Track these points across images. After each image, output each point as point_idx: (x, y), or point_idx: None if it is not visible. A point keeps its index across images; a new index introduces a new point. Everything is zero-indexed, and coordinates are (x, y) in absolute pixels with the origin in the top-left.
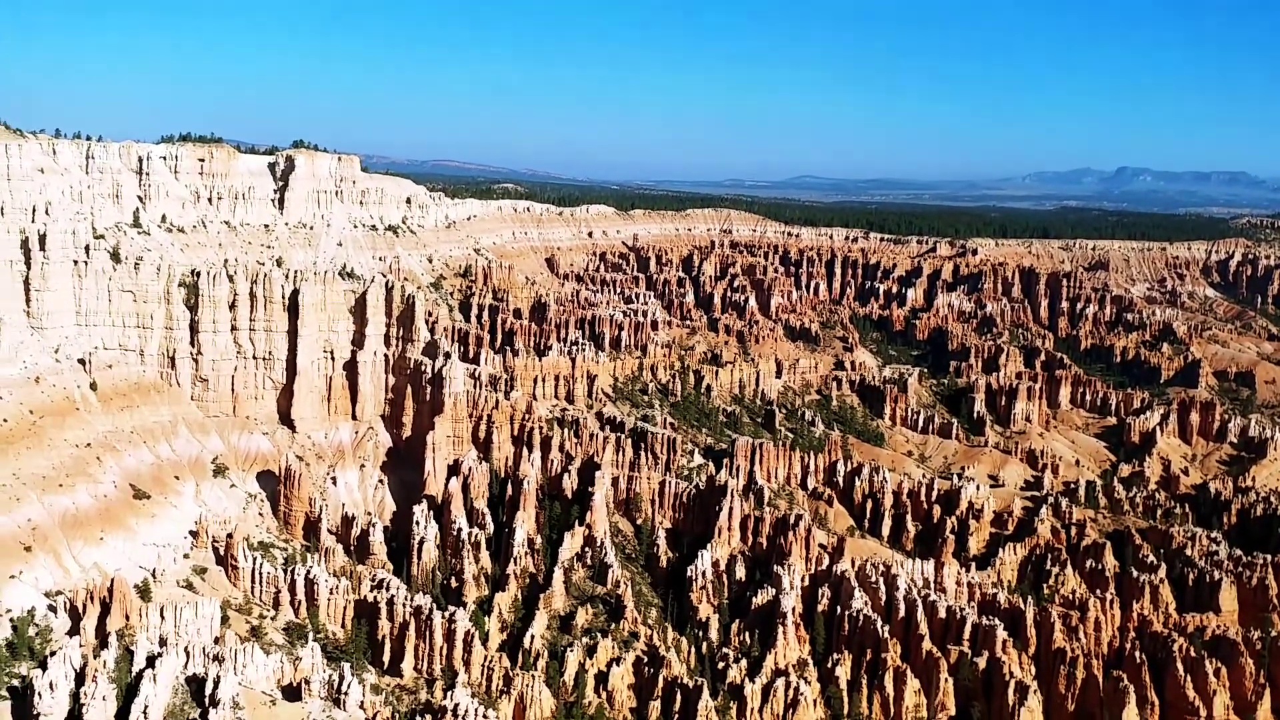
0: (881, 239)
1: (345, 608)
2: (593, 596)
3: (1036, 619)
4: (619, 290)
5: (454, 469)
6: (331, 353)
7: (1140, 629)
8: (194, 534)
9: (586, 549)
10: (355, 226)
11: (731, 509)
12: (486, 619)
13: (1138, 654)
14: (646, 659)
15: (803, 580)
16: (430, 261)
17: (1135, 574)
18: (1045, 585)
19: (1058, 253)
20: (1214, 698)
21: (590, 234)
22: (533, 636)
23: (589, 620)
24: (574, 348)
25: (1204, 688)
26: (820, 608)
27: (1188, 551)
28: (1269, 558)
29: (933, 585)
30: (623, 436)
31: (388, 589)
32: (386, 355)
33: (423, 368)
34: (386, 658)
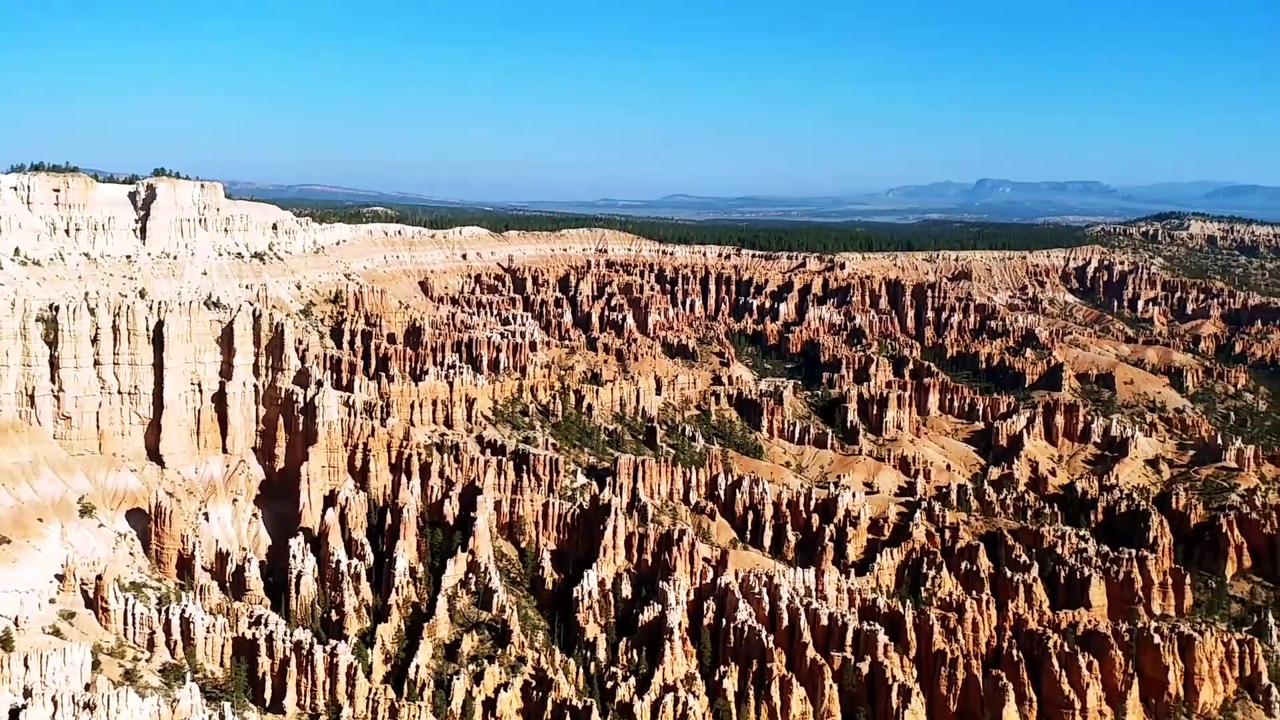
0: (753, 255)
1: (223, 646)
2: (478, 623)
3: (916, 622)
4: (496, 312)
5: (330, 500)
6: (199, 385)
7: (1016, 627)
8: (60, 577)
9: (470, 575)
10: (220, 254)
11: (616, 527)
12: (369, 651)
13: (1015, 652)
14: (535, 683)
15: (688, 595)
16: (299, 288)
17: (1009, 574)
18: (923, 588)
19: (922, 264)
20: (1088, 690)
21: (464, 256)
22: (418, 666)
23: (475, 647)
24: (451, 371)
25: (1078, 681)
26: (706, 621)
27: (1058, 550)
28: (1134, 552)
29: (814, 593)
30: (504, 459)
31: (266, 625)
32: (256, 385)
33: (294, 397)
34: (268, 695)
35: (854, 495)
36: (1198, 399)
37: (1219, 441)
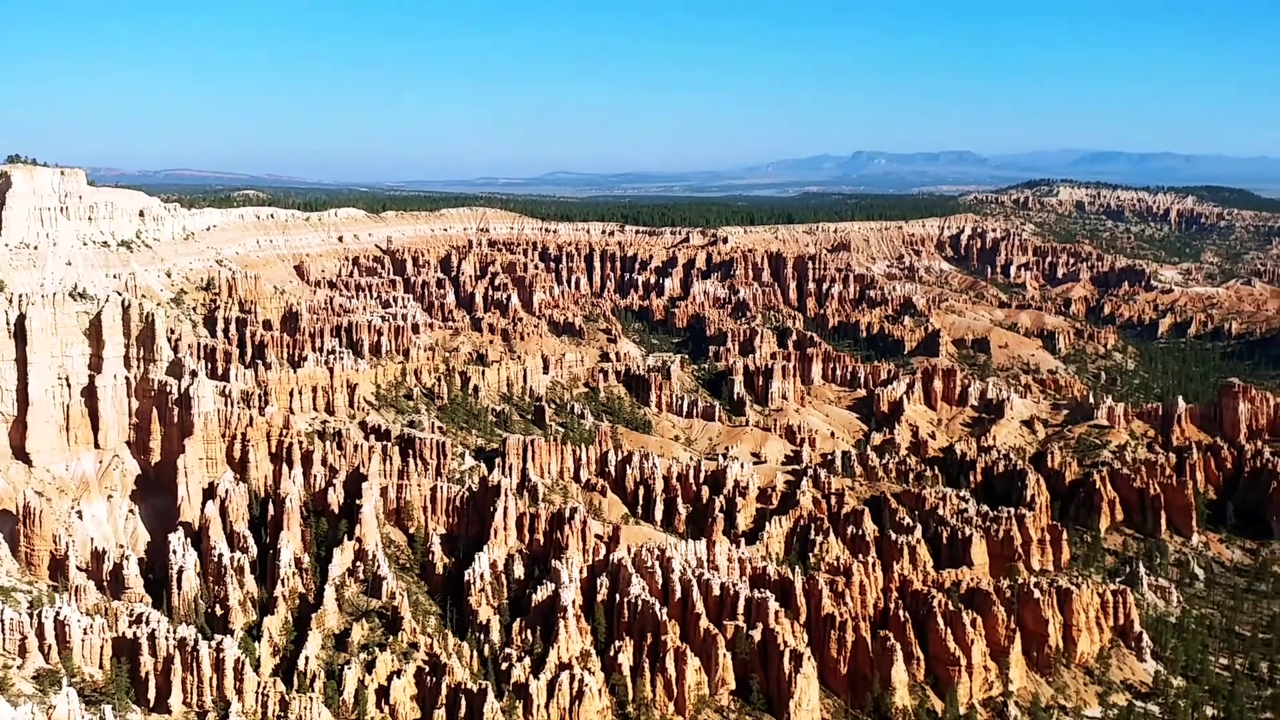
0: (637, 231)
1: (102, 647)
2: (368, 611)
3: (805, 588)
4: (375, 295)
5: (210, 492)
6: (67, 379)
7: (902, 588)
8: None
9: (358, 563)
10: (85, 244)
11: (506, 509)
12: (257, 645)
13: (901, 612)
14: (428, 668)
15: (581, 572)
16: (169, 276)
17: (894, 536)
18: (811, 554)
19: (802, 237)
20: (972, 647)
21: (341, 238)
22: (307, 658)
23: (366, 635)
24: (331, 357)
25: (963, 639)
26: (600, 598)
27: (940, 511)
28: (1012, 511)
29: (706, 564)
30: (389, 445)
31: (148, 623)
32: (128, 378)
33: (168, 388)
34: (152, 695)
35: (742, 466)
36: (1070, 360)
37: (1091, 401)
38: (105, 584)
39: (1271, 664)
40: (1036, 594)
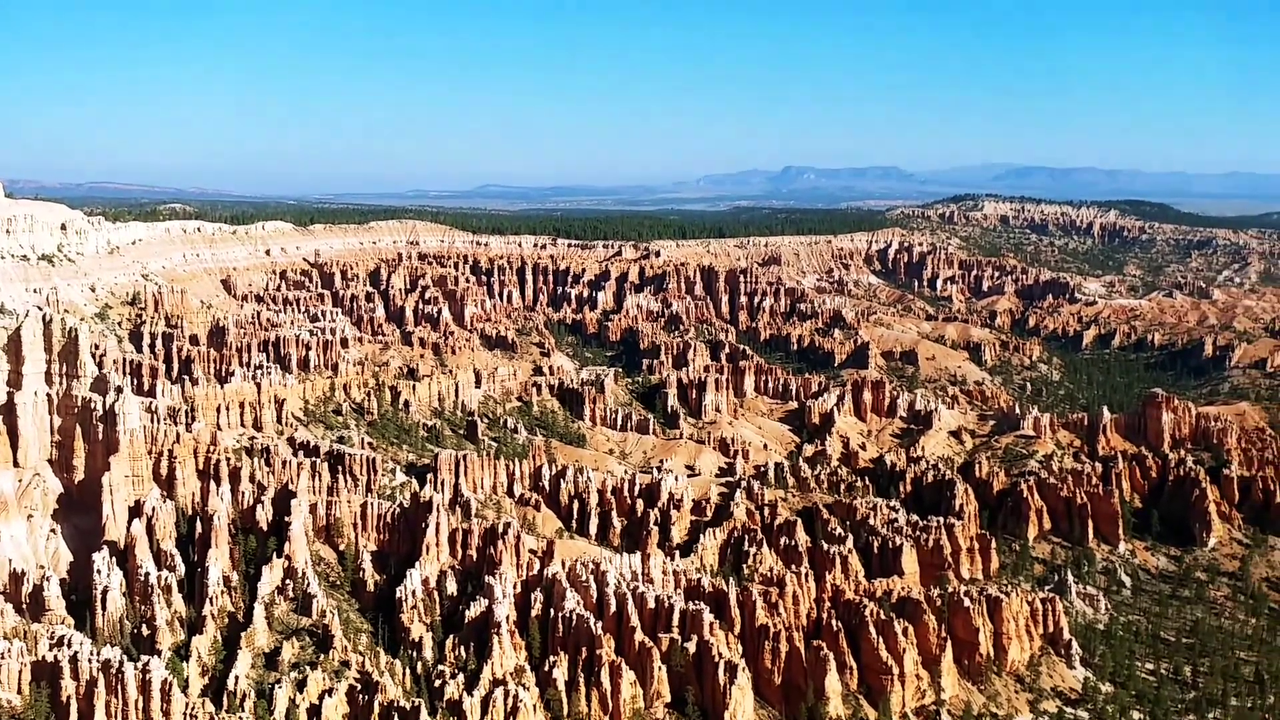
0: (570, 245)
1: (21, 672)
2: (298, 629)
3: (739, 599)
4: (304, 309)
5: (136, 511)
6: None
7: (834, 598)
8: None
9: (288, 581)
10: (4, 257)
11: (438, 524)
12: (185, 665)
13: (834, 622)
14: (360, 686)
15: (515, 588)
16: (93, 291)
17: (826, 547)
18: (745, 565)
19: (734, 250)
20: (904, 655)
21: (269, 252)
22: (237, 677)
23: (296, 654)
24: (259, 372)
25: (895, 647)
26: (534, 613)
27: (871, 521)
28: (942, 520)
29: (641, 577)
30: (318, 461)
31: (70, 646)
32: (49, 395)
33: (92, 405)
34: None
35: (676, 479)
36: (995, 371)
37: (1017, 411)
38: (25, 606)
39: (1195, 668)
40: (967, 603)
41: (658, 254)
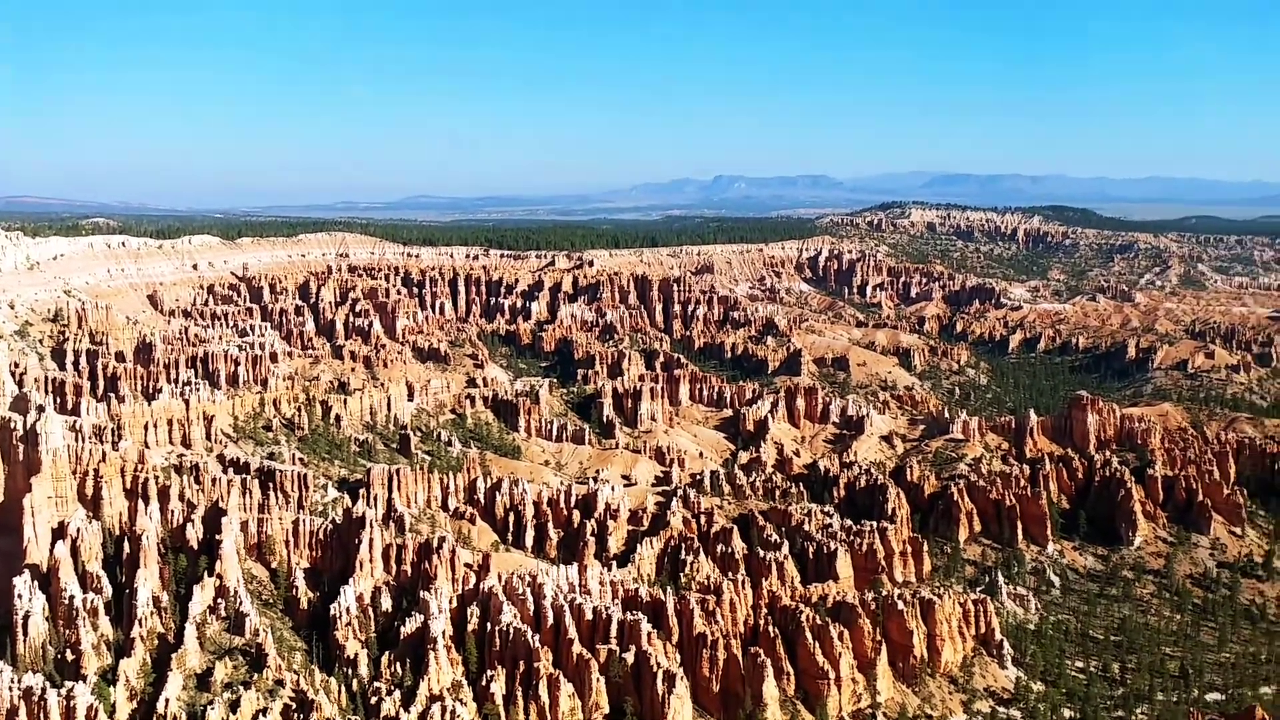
0: (502, 255)
1: None
2: (231, 649)
3: (677, 608)
4: (232, 324)
5: (60, 532)
6: None
7: (771, 604)
8: None
9: (220, 600)
10: None
11: (372, 540)
12: (112, 690)
13: (771, 628)
14: (295, 705)
15: (451, 602)
16: (13, 308)
17: (762, 553)
18: (682, 574)
19: (667, 259)
20: (840, 659)
21: (196, 266)
22: (167, 700)
23: (229, 674)
24: (187, 388)
25: (831, 652)
26: (471, 627)
27: (806, 527)
28: (875, 524)
29: (578, 589)
30: (249, 478)
31: None
32: None
33: (12, 424)
34: None
35: (613, 489)
36: (925, 376)
37: (946, 415)
38: None
39: (1123, 665)
40: (901, 606)
41: (591, 263)
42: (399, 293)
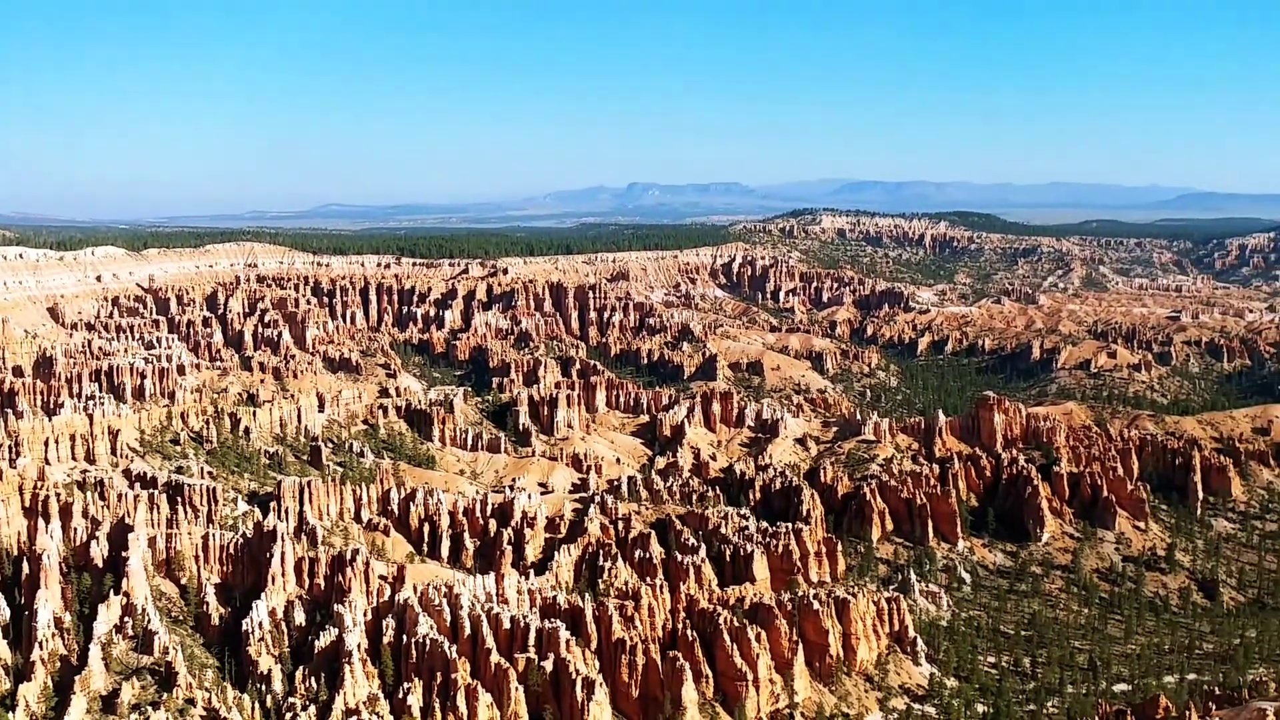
0: (414, 263)
1: None
2: (139, 668)
3: (595, 614)
4: (138, 336)
5: None
6: None
7: (689, 608)
8: None
9: (127, 619)
10: None
11: (284, 554)
12: (10, 715)
13: (689, 632)
14: None
15: (366, 615)
16: None
17: (679, 557)
18: (601, 580)
19: (582, 267)
20: (758, 661)
21: (100, 278)
22: None
23: (137, 694)
24: (91, 403)
25: (749, 653)
26: (386, 639)
27: (723, 530)
28: (790, 526)
29: (495, 598)
30: (156, 492)
31: None
32: None
33: None
34: None
35: (530, 497)
36: (837, 379)
37: (858, 417)
38: None
39: (1034, 659)
40: (816, 605)
41: (506, 271)
42: (309, 302)
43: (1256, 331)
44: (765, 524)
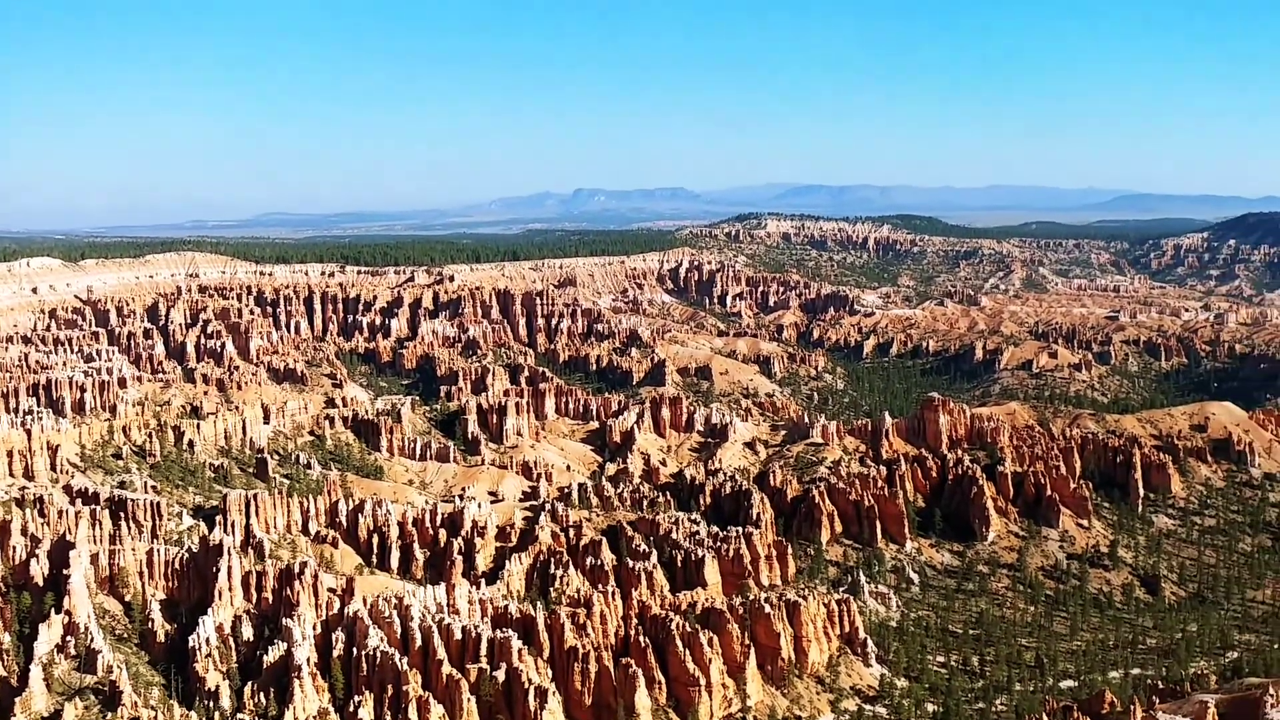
0: (359, 272)
1: None
2: (82, 688)
3: (547, 623)
4: (77, 349)
5: None
6: None
7: (641, 614)
8: None
9: (69, 638)
10: None
11: (230, 568)
12: None
13: (641, 638)
14: None
15: (315, 629)
16: None
17: (631, 564)
18: (552, 589)
19: (529, 273)
20: (710, 666)
21: (35, 290)
22: None
23: (80, 715)
24: (29, 418)
25: (701, 659)
26: (336, 653)
27: (674, 535)
28: (741, 530)
29: (446, 608)
30: (98, 508)
31: None
32: None
33: None
34: None
35: (479, 506)
36: (785, 383)
37: (806, 420)
38: None
39: (982, 657)
40: (767, 609)
41: (452, 279)
42: (252, 313)
43: (1193, 330)
44: (716, 528)
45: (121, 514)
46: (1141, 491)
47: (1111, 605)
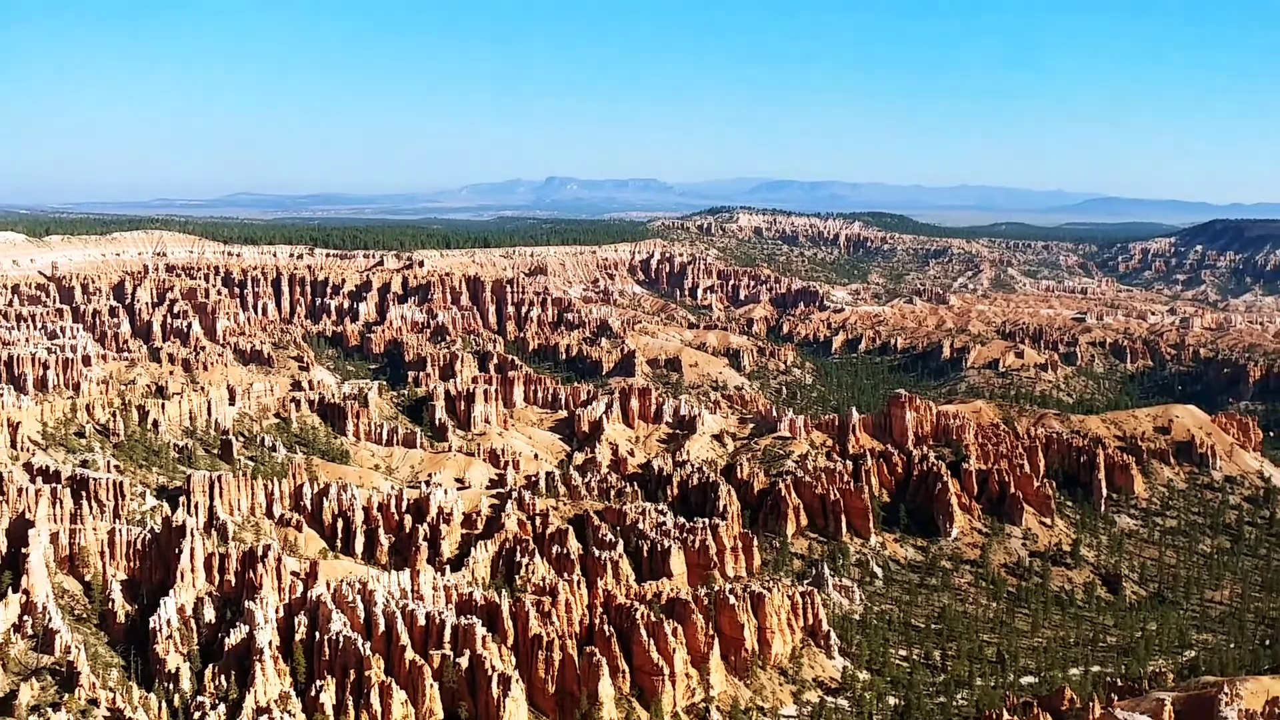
0: (328, 255)
1: None
2: (39, 669)
3: (512, 610)
4: (40, 325)
5: None
6: None
7: (606, 604)
8: None
9: (26, 617)
10: None
11: (193, 550)
12: None
13: (606, 627)
14: None
15: (278, 612)
16: None
17: (597, 553)
18: (518, 576)
19: (500, 260)
20: (674, 655)
21: None
22: None
23: (37, 696)
24: None
25: (665, 649)
26: (299, 637)
27: (640, 525)
28: (707, 521)
29: (410, 594)
30: (59, 487)
31: None
32: None
33: None
34: None
35: (446, 492)
36: (754, 376)
37: (774, 414)
38: None
39: (944, 652)
40: (732, 600)
41: (422, 264)
42: (219, 293)
43: (1158, 333)
44: (682, 520)
45: (83, 493)
46: (1104, 491)
47: (1073, 603)
